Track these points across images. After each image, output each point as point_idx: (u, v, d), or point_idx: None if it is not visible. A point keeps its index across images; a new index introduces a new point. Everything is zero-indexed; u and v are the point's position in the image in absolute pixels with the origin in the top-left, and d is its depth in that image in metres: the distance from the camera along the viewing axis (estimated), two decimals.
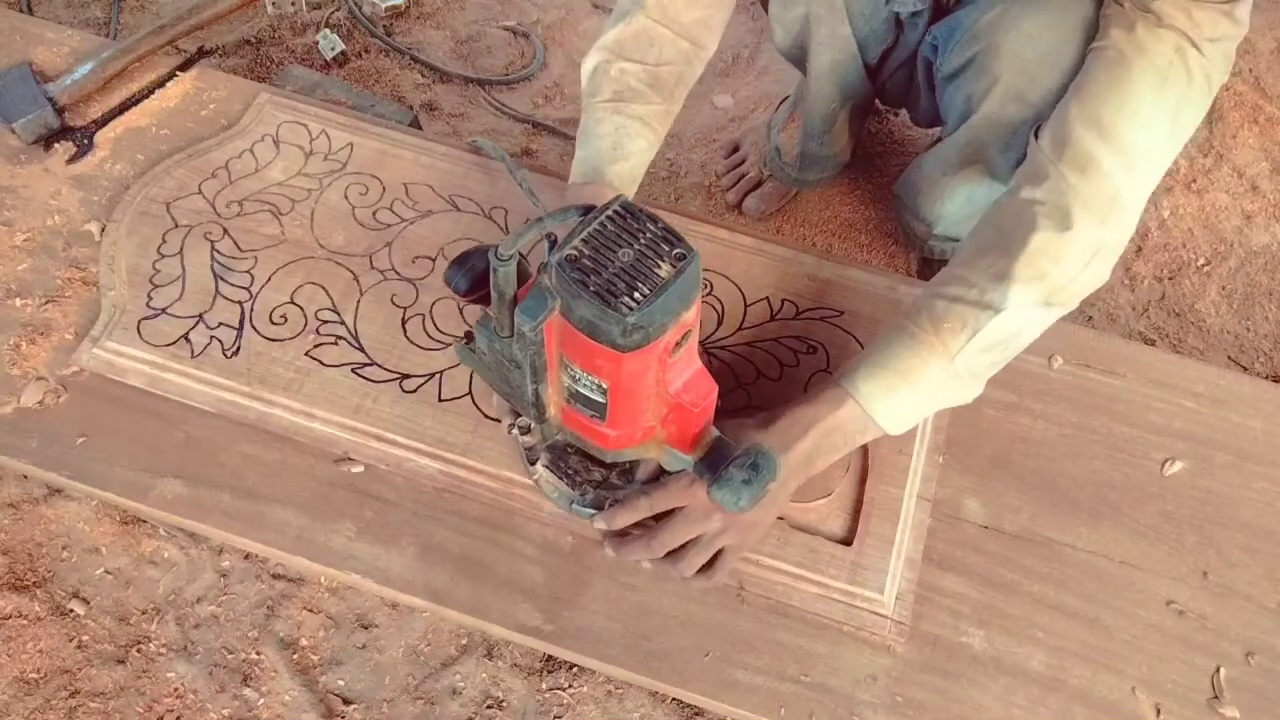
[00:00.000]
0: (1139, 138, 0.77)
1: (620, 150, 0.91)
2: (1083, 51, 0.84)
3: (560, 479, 0.88)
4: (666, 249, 0.64)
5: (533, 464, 0.89)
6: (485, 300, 0.80)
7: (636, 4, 0.91)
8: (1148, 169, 0.79)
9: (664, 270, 0.63)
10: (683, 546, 0.84)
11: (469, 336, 0.79)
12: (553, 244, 0.68)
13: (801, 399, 0.84)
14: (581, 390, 0.71)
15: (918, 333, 0.81)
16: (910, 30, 1.09)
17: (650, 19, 0.91)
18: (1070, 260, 0.78)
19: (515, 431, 0.82)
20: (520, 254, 0.68)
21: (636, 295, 0.62)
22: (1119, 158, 0.77)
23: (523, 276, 0.72)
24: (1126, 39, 0.78)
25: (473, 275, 0.78)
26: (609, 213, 0.65)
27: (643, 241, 0.64)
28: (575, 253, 0.64)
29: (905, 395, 0.81)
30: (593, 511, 0.87)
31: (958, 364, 0.80)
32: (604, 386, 0.69)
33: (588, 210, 0.66)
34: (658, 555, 0.84)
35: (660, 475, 0.85)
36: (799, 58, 1.18)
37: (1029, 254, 0.78)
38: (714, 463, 0.74)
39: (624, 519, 0.84)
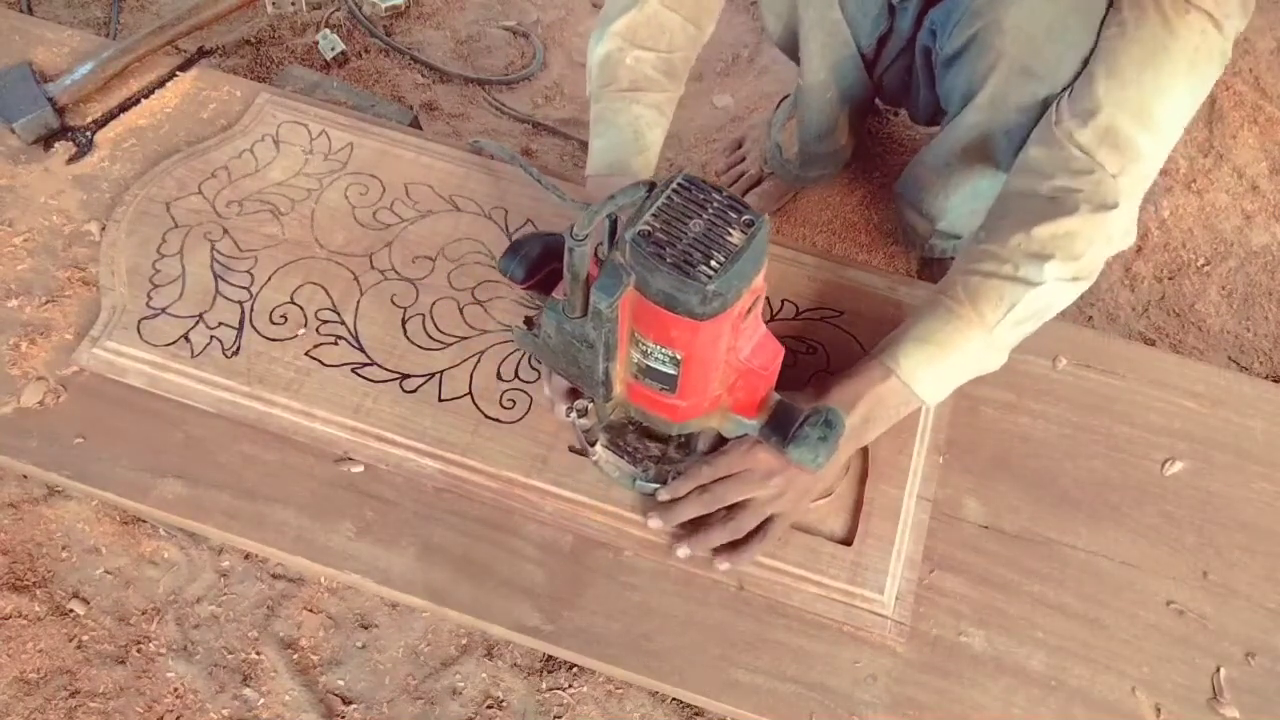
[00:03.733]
0: (1172, 118, 0.81)
1: (641, 140, 0.92)
2: (1090, 23, 0.84)
3: (621, 457, 0.88)
4: (735, 216, 0.65)
5: (591, 444, 0.89)
6: (541, 286, 0.81)
7: None
8: (1172, 141, 0.83)
9: (735, 237, 0.65)
10: (732, 510, 0.85)
11: (529, 321, 0.79)
12: (613, 226, 0.69)
13: (844, 375, 0.86)
14: (653, 364, 0.72)
15: (955, 307, 0.84)
16: (902, 16, 1.09)
17: (662, 5, 0.92)
18: (1106, 239, 0.82)
19: (574, 415, 0.83)
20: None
21: (713, 263, 0.64)
22: (1155, 139, 0.81)
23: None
24: (1157, 21, 0.79)
25: (528, 262, 0.80)
26: (674, 186, 0.66)
27: (711, 211, 0.65)
28: (648, 228, 0.65)
29: (944, 368, 0.84)
30: (656, 486, 0.87)
31: (995, 336, 0.83)
32: (678, 358, 0.70)
33: (650, 187, 0.67)
34: (711, 509, 0.84)
35: (719, 444, 0.85)
36: (792, 47, 1.18)
37: (1068, 234, 0.81)
38: (780, 425, 0.76)
39: (687, 488, 0.85)
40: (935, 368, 0.84)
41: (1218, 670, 0.86)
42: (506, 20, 1.63)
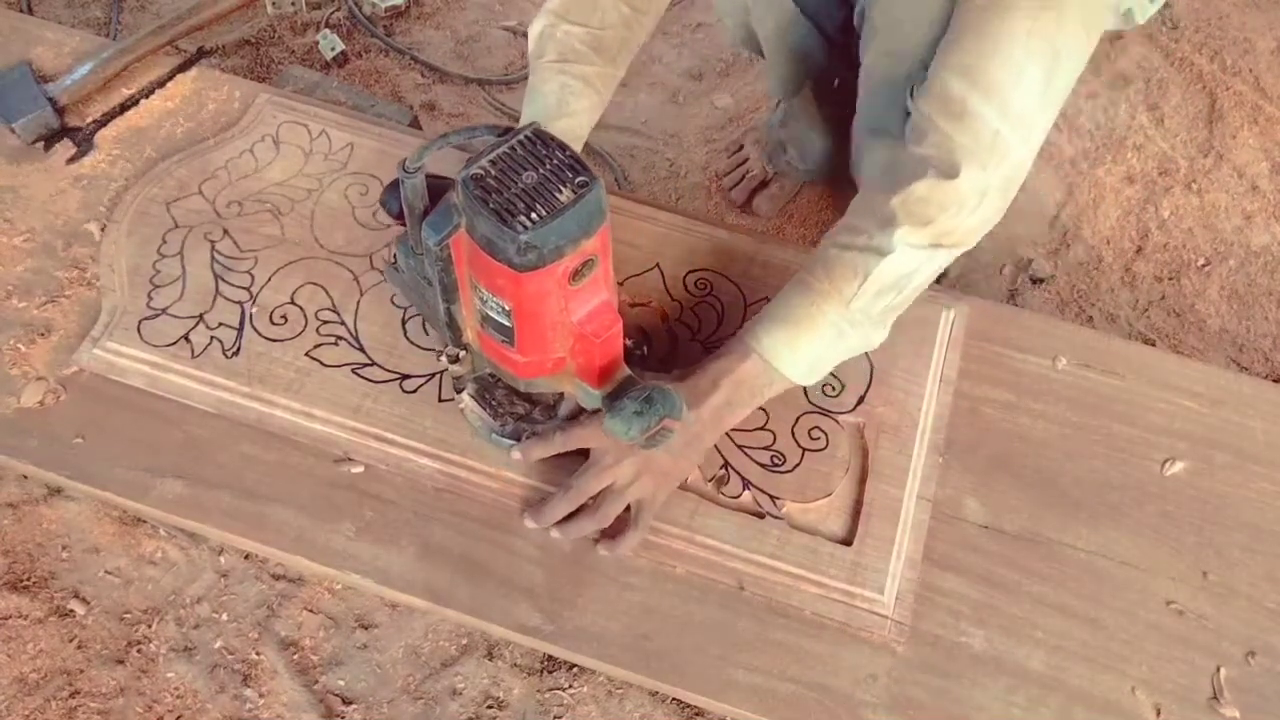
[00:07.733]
0: (1010, 82, 0.77)
1: (565, 107, 0.92)
2: (951, 4, 0.84)
3: (485, 409, 0.89)
4: (570, 175, 0.67)
5: (459, 392, 0.90)
6: None
7: None
8: (1025, 114, 0.79)
9: (564, 195, 0.66)
10: (597, 500, 0.85)
11: (397, 258, 0.81)
12: None
13: (710, 356, 0.86)
14: (490, 313, 0.74)
15: (812, 282, 0.83)
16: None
17: None
18: (957, 205, 0.80)
19: (444, 359, 0.84)
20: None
21: (533, 215, 0.65)
22: (991, 101, 0.77)
23: (432, 198, 0.74)
24: None
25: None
26: (520, 137, 0.68)
27: (548, 167, 0.67)
28: (481, 171, 0.66)
29: (806, 345, 0.84)
30: (511, 442, 0.89)
31: (853, 309, 0.83)
32: (507, 308, 0.71)
33: (505, 133, 0.68)
34: (576, 504, 0.85)
35: (580, 414, 0.87)
36: (757, 46, 1.20)
37: (914, 199, 0.80)
38: (617, 398, 0.77)
39: (539, 452, 0.87)
40: (795, 346, 0.83)
41: (1218, 670, 0.86)
42: (506, 20, 1.63)
